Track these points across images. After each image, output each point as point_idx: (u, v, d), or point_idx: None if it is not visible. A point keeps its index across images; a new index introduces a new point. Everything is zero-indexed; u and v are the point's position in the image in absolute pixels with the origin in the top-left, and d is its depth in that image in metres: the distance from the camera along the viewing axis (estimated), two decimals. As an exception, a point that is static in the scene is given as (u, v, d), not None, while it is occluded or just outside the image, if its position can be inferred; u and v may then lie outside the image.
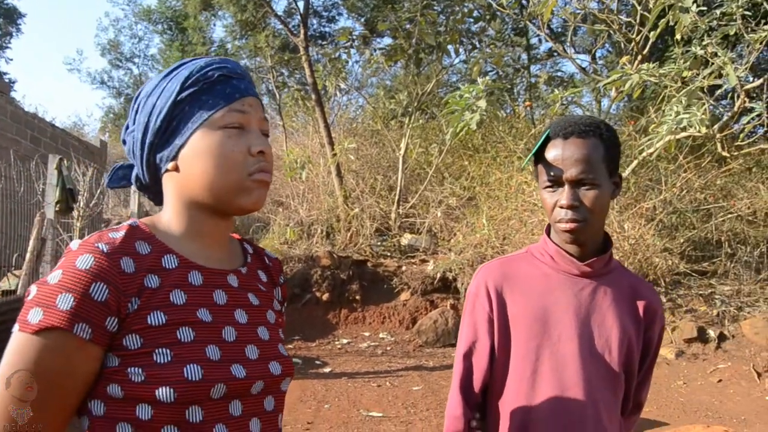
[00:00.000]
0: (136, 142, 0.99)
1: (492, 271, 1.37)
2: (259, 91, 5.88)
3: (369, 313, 8.14)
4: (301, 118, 13.31)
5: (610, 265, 1.37)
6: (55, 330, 0.83)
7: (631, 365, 1.32)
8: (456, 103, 6.84)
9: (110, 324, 0.86)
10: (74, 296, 0.84)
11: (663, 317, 1.40)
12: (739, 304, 7.29)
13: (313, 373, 6.27)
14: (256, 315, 1.02)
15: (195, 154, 0.96)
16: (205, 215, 1.00)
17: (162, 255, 0.95)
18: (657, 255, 7.52)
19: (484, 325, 1.34)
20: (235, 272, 1.03)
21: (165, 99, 0.96)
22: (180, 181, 0.98)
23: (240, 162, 0.96)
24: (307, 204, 10.28)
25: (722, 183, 8.01)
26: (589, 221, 1.28)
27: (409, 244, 9.31)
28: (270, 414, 0.99)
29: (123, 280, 0.88)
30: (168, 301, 0.91)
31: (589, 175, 1.27)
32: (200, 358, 0.88)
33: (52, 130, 10.28)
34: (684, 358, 6.67)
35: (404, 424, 4.85)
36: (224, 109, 0.96)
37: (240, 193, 0.97)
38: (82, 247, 0.88)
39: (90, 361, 0.86)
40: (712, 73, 5.06)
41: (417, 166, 10.77)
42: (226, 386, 0.90)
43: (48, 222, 6.25)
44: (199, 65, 0.98)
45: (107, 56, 25.05)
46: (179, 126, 0.97)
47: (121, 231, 0.93)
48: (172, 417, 0.86)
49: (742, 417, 5.26)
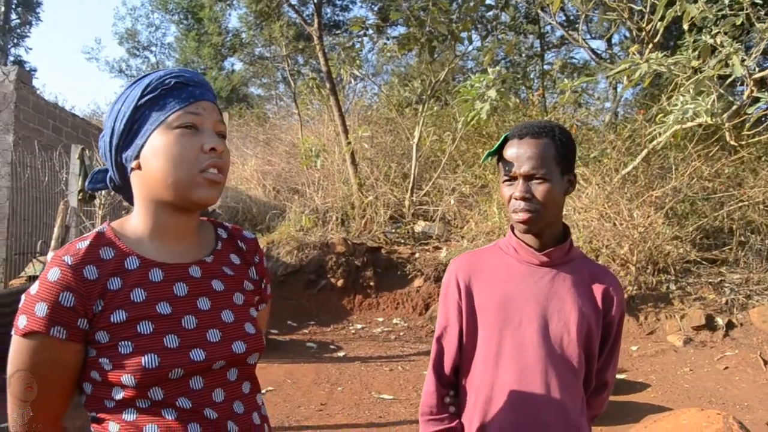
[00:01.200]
0: (106, 145, 1.13)
1: (461, 264, 1.53)
2: (274, 79, 6.10)
3: (383, 299, 8.30)
4: (316, 106, 13.44)
5: (571, 254, 1.50)
6: (36, 333, 1.02)
7: (590, 347, 1.45)
8: (467, 92, 6.93)
9: (81, 324, 1.03)
10: (47, 305, 1.01)
11: (622, 302, 1.52)
12: (748, 292, 7.34)
13: (327, 357, 6.46)
14: (220, 300, 1.14)
15: (153, 152, 1.07)
16: (167, 212, 1.11)
17: (124, 258, 1.08)
18: (668, 243, 7.58)
19: (455, 312, 1.50)
20: (198, 263, 1.15)
21: (128, 105, 1.09)
22: (142, 179, 1.10)
23: (192, 159, 1.07)
24: (322, 192, 10.44)
25: (733, 171, 8.01)
26: (541, 212, 1.42)
27: (422, 231, 9.45)
28: (234, 384, 1.12)
29: (86, 286, 1.03)
30: (129, 300, 1.05)
31: (540, 170, 1.41)
32: (158, 347, 1.03)
33: (73, 119, 10.51)
34: (692, 345, 6.75)
35: (414, 407, 5.02)
36: (179, 111, 1.08)
37: (192, 188, 1.07)
38: (53, 261, 1.04)
39: (71, 354, 1.04)
40: (720, 63, 5.10)
41: (431, 154, 10.86)
42: (183, 369, 1.04)
43: (71, 210, 6.47)
44: (158, 75, 1.11)
45: (125, 45, 25.30)
46: (140, 128, 1.09)
47: (87, 240, 1.08)
48: (139, 395, 1.03)
49: (746, 403, 5.35)
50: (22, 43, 23.95)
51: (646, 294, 7.51)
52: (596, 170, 7.80)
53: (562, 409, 1.40)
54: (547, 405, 1.39)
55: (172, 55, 25.27)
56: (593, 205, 7.53)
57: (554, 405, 1.39)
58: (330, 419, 4.64)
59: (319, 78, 12.83)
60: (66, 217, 6.47)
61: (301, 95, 13.74)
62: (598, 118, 10.96)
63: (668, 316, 7.22)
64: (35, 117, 8.96)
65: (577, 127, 9.41)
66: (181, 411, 1.05)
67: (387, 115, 12.06)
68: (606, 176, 7.76)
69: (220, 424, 1.07)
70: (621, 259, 7.64)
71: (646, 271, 7.67)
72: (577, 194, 7.75)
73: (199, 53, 20.58)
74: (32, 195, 8.37)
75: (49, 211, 8.31)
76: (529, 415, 1.39)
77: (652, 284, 7.59)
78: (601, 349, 1.50)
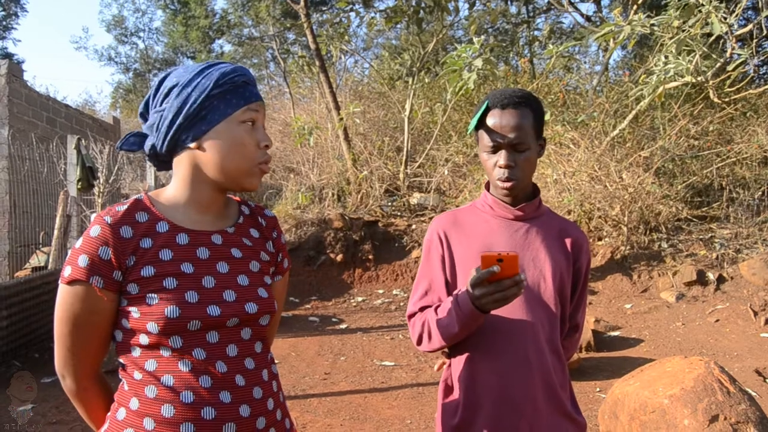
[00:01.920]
0: (165, 120, 1.25)
1: (441, 220, 1.66)
2: (264, 59, 6.27)
3: (382, 272, 8.46)
4: (308, 84, 13.45)
5: (540, 210, 1.65)
6: (78, 281, 1.18)
7: (563, 292, 1.60)
8: (454, 62, 6.99)
9: (116, 275, 1.19)
10: (88, 257, 1.18)
11: (589, 251, 1.67)
12: (737, 246, 7.50)
13: (329, 330, 6.64)
14: (238, 265, 1.29)
15: (218, 140, 1.24)
16: (208, 189, 1.29)
17: (156, 222, 1.25)
18: (659, 202, 7.72)
19: (438, 264, 1.61)
20: (220, 232, 1.31)
21: (199, 92, 1.23)
22: (199, 159, 1.26)
23: (253, 152, 1.27)
24: (317, 169, 10.53)
25: (720, 128, 8.11)
26: (521, 178, 1.56)
27: (418, 203, 9.57)
28: (247, 342, 1.27)
29: (122, 243, 1.20)
30: (157, 257, 1.21)
31: (522, 141, 1.53)
32: (179, 300, 1.19)
33: (66, 110, 10.57)
34: (684, 300, 6.93)
35: (414, 371, 5.21)
36: (244, 108, 1.26)
37: (247, 176, 1.28)
38: (95, 220, 1.21)
39: (107, 302, 1.20)
40: (699, 21, 5.17)
41: (423, 126, 10.93)
42: (200, 322, 1.19)
43: (71, 199, 6.59)
44: (226, 70, 1.26)
45: (112, 32, 25.12)
46: (206, 115, 1.24)
47: (126, 205, 1.24)
48: (161, 342, 1.19)
49: (735, 353, 5.54)
50: (8, 36, 23.82)
51: (638, 253, 7.67)
52: (585, 134, 7.90)
53: (543, 349, 1.54)
54: (530, 345, 1.53)
55: (161, 39, 25.15)
56: (583, 168, 7.65)
57: (536, 345, 1.53)
58: (334, 387, 4.83)
59: (308, 56, 12.84)
60: (67, 207, 6.59)
61: (292, 74, 13.74)
62: (589, 83, 11.01)
63: (661, 273, 7.39)
64: (29, 110, 9.03)
65: (565, 92, 9.47)
66: (195, 363, 1.19)
67: (378, 90, 12.10)
68: (595, 139, 7.86)
69: (229, 378, 1.21)
70: (613, 220, 7.78)
71: (638, 230, 7.82)
72: (567, 158, 7.86)
73: (187, 37, 20.48)
74: (31, 187, 8.47)
75: (49, 202, 8.42)
76: (514, 355, 1.52)
77: (645, 243, 7.74)
78: (572, 295, 1.64)
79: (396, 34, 15.64)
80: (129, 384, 1.22)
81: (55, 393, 4.60)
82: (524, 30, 11.99)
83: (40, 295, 5.76)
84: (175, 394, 1.18)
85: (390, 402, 4.50)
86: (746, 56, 5.00)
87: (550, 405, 1.54)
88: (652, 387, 3.22)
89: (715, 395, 3.05)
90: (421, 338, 1.58)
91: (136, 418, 1.19)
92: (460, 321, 1.46)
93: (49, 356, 5.55)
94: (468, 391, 1.55)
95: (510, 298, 1.37)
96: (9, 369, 5.18)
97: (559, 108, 8.90)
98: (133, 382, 1.21)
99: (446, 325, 1.50)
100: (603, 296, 7.29)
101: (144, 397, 1.19)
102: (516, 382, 1.51)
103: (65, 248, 6.56)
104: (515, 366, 1.52)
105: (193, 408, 1.18)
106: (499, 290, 1.35)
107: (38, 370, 5.20)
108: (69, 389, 1.27)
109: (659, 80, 5.23)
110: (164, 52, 26.30)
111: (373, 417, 4.19)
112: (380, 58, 15.02)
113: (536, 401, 1.52)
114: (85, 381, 1.26)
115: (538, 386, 1.52)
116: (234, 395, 1.21)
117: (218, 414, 1.19)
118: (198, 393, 1.18)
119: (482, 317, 1.45)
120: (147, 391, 1.19)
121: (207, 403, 1.18)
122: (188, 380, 1.19)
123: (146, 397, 1.19)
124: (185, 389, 1.18)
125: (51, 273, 6.13)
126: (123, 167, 8.47)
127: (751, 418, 2.97)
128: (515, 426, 1.52)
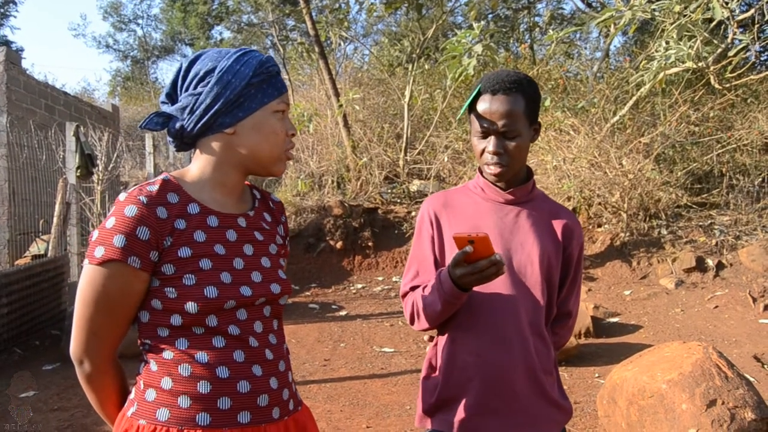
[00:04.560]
0: (201, 104, 1.26)
1: (433, 201, 1.66)
2: (263, 46, 6.27)
3: (382, 259, 8.47)
4: (307, 71, 13.39)
5: (533, 194, 1.64)
6: (114, 261, 1.17)
7: (551, 278, 1.59)
8: (454, 48, 6.96)
9: (153, 256, 1.20)
10: (125, 236, 1.17)
11: (581, 237, 1.66)
12: (737, 233, 7.50)
13: (329, 317, 6.66)
14: (261, 248, 1.35)
15: (255, 128, 1.29)
16: (236, 172, 1.32)
17: (187, 203, 1.26)
18: (659, 189, 7.71)
19: (428, 244, 1.63)
20: (243, 215, 1.35)
21: (240, 79, 1.26)
22: (233, 143, 1.29)
23: (282, 140, 1.32)
24: (316, 156, 10.51)
25: (720, 115, 8.08)
26: (511, 165, 1.55)
27: (418, 189, 9.56)
28: (268, 319, 1.33)
29: (159, 223, 1.20)
30: (192, 239, 1.24)
31: (512, 127, 1.52)
32: (216, 281, 1.22)
33: (65, 97, 10.53)
34: (683, 287, 6.94)
35: (414, 357, 5.23)
36: (277, 99, 1.31)
37: (276, 163, 1.33)
38: (128, 199, 1.20)
39: (140, 283, 1.21)
40: (701, 6, 5.13)
41: (423, 113, 10.90)
42: (235, 301, 1.24)
43: (71, 187, 6.58)
44: (263, 59, 1.31)
45: (110, 19, 24.97)
46: (244, 103, 1.27)
47: (156, 185, 1.24)
48: (195, 322, 1.21)
49: (734, 339, 5.56)
50: (6, 23, 23.68)
51: (638, 240, 7.68)
52: (585, 120, 7.88)
53: (525, 332, 1.54)
54: (510, 327, 1.53)
55: (159, 26, 25.00)
56: (583, 154, 7.63)
57: (517, 327, 1.54)
58: (334, 373, 4.85)
59: (307, 42, 12.77)
60: (66, 194, 6.59)
61: (291, 61, 13.68)
62: (590, 69, 10.96)
63: (660, 260, 7.39)
64: (27, 97, 8.99)
65: (566, 78, 9.42)
66: (229, 338, 1.23)
67: (378, 76, 12.04)
68: (595, 125, 7.84)
69: (260, 351, 1.27)
70: (612, 207, 7.78)
71: (638, 217, 7.82)
72: (567, 144, 7.84)
73: (185, 23, 20.36)
74: (30, 175, 8.46)
75: (48, 190, 8.41)
76: (493, 336, 1.53)
77: (644, 230, 7.75)
78: (563, 281, 1.64)
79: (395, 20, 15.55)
80: (159, 364, 1.23)
81: (57, 380, 4.62)
82: (525, 15, 11.92)
83: (40, 283, 5.78)
84: (211, 370, 1.21)
85: (389, 388, 4.52)
86: (748, 42, 4.97)
87: (531, 389, 1.55)
88: (651, 372, 3.23)
89: (713, 380, 3.06)
90: (412, 318, 1.60)
91: (170, 397, 1.21)
92: (442, 299, 1.48)
93: (50, 343, 5.57)
94: (447, 370, 1.57)
95: (491, 277, 1.39)
96: (10, 356, 5.20)
97: (559, 94, 8.86)
98: (163, 362, 1.23)
99: (430, 303, 1.52)
100: (602, 283, 7.30)
101: (178, 376, 1.21)
102: (494, 362, 1.52)
103: (65, 236, 6.56)
104: (494, 347, 1.53)
105: (229, 382, 1.22)
106: (476, 271, 1.37)
107: (39, 358, 5.22)
108: (86, 374, 1.26)
109: (660, 66, 5.20)
110: (162, 39, 26.17)
111: (373, 402, 4.22)
112: (380, 45, 14.95)
113: (515, 384, 1.53)
114: (105, 365, 1.26)
115: (518, 369, 1.53)
116: (264, 368, 1.27)
117: (252, 387, 1.24)
118: (233, 367, 1.23)
119: (464, 296, 1.47)
120: (181, 370, 1.21)
121: (242, 377, 1.23)
122: (223, 356, 1.22)
123: (180, 376, 1.21)
124: (220, 365, 1.22)
125: (51, 260, 6.14)
126: (122, 155, 8.45)
127: (748, 402, 2.99)
128: (493, 407, 1.53)
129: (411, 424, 3.83)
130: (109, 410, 1.31)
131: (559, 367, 2.81)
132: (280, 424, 1.29)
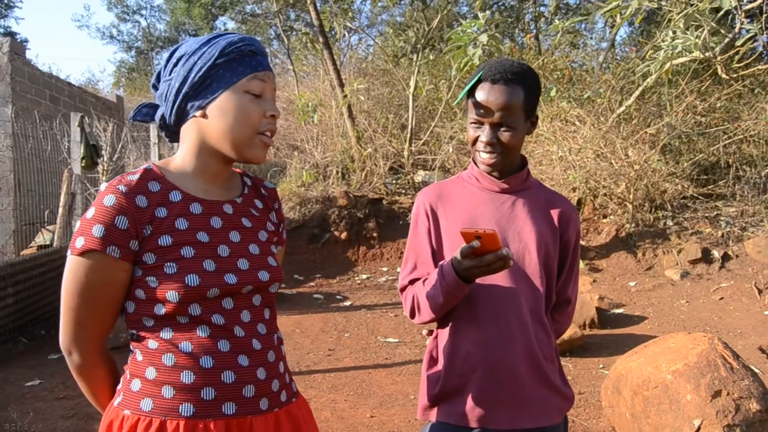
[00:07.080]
0: (172, 89, 1.25)
1: (428, 193, 1.65)
2: (267, 37, 6.23)
3: (386, 249, 8.47)
4: (312, 62, 13.34)
5: (528, 182, 1.63)
6: (94, 251, 1.16)
7: (549, 265, 1.59)
8: (459, 38, 6.92)
9: (132, 245, 1.18)
10: (104, 226, 1.16)
11: (577, 223, 1.65)
12: (743, 224, 7.47)
13: (334, 307, 6.67)
14: (249, 235, 1.31)
15: (221, 109, 1.23)
16: (215, 159, 1.28)
17: (169, 191, 1.24)
18: (665, 180, 7.67)
19: (425, 237, 1.61)
20: (230, 202, 1.31)
21: (205, 60, 1.22)
22: (204, 127, 1.25)
23: (255, 122, 1.24)
24: (321, 146, 10.49)
25: (727, 105, 8.02)
26: (505, 156, 1.54)
27: (422, 180, 9.54)
28: (258, 308, 1.29)
29: (138, 212, 1.18)
30: (173, 227, 1.21)
31: (508, 119, 1.50)
32: (198, 269, 1.19)
33: (70, 88, 10.53)
34: (689, 278, 6.92)
35: (418, 348, 5.24)
36: (249, 77, 1.23)
37: (250, 147, 1.25)
38: (107, 189, 1.19)
39: (122, 273, 1.19)
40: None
41: (428, 103, 10.85)
42: (219, 289, 1.20)
43: (76, 177, 6.60)
44: (233, 39, 1.24)
45: (114, 10, 24.93)
46: (212, 84, 1.23)
47: (137, 174, 1.23)
48: (180, 311, 1.19)
49: (739, 330, 5.55)
50: (11, 14, 23.66)
51: (643, 231, 7.65)
52: (591, 110, 7.83)
53: (526, 321, 1.54)
54: (512, 316, 1.53)
55: (163, 17, 24.94)
56: (589, 145, 7.59)
57: (519, 316, 1.53)
58: (338, 363, 4.86)
59: (312, 33, 12.72)
60: (71, 185, 6.60)
61: (296, 51, 13.62)
62: (595, 59, 10.89)
63: (665, 251, 7.37)
64: (32, 88, 9.00)
65: (571, 69, 9.37)
66: (214, 328, 1.21)
67: (382, 67, 12.00)
68: (601, 116, 7.79)
69: (247, 341, 1.24)
70: (618, 198, 7.75)
71: (644, 208, 7.79)
72: (573, 135, 7.80)
73: (189, 14, 20.29)
74: (35, 165, 8.48)
75: (53, 181, 8.43)
76: (495, 326, 1.53)
77: (650, 221, 7.72)
78: (561, 268, 1.63)
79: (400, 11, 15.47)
80: (144, 354, 1.22)
81: (62, 369, 4.64)
82: (530, 6, 11.84)
83: (45, 273, 5.80)
84: (195, 360, 1.19)
85: (394, 378, 4.53)
86: (755, 31, 4.92)
87: (534, 376, 1.54)
88: (656, 362, 3.23)
89: (719, 371, 3.05)
90: (413, 311, 1.59)
91: (154, 387, 1.20)
92: (445, 291, 1.47)
93: (55, 332, 5.60)
94: (450, 361, 1.56)
95: (497, 270, 1.39)
96: (16, 345, 5.24)
97: (564, 84, 8.81)
98: (148, 352, 1.21)
99: (432, 295, 1.51)
100: (607, 274, 7.29)
101: (162, 366, 1.20)
102: (497, 352, 1.52)
103: (70, 226, 6.58)
104: (497, 336, 1.52)
105: (212, 372, 1.20)
106: (482, 264, 1.36)
107: (45, 347, 5.25)
108: (75, 365, 1.26)
109: (666, 56, 5.16)
110: (166, 30, 26.12)
111: (377, 392, 4.23)
112: (384, 35, 14.89)
113: (518, 372, 1.52)
114: (94, 355, 1.25)
115: (521, 357, 1.52)
116: (251, 359, 1.24)
117: (237, 377, 1.22)
118: (217, 357, 1.20)
119: (466, 287, 1.46)
120: (164, 360, 1.20)
121: (226, 367, 1.21)
122: (207, 345, 1.20)
123: (164, 366, 1.20)
124: (204, 354, 1.20)
125: (56, 251, 6.16)
126: (127, 145, 8.46)
127: (753, 393, 2.98)
128: (496, 396, 1.52)
129: (415, 414, 3.84)
130: (101, 400, 1.31)
131: (564, 358, 2.81)
132: (269, 416, 1.26)
